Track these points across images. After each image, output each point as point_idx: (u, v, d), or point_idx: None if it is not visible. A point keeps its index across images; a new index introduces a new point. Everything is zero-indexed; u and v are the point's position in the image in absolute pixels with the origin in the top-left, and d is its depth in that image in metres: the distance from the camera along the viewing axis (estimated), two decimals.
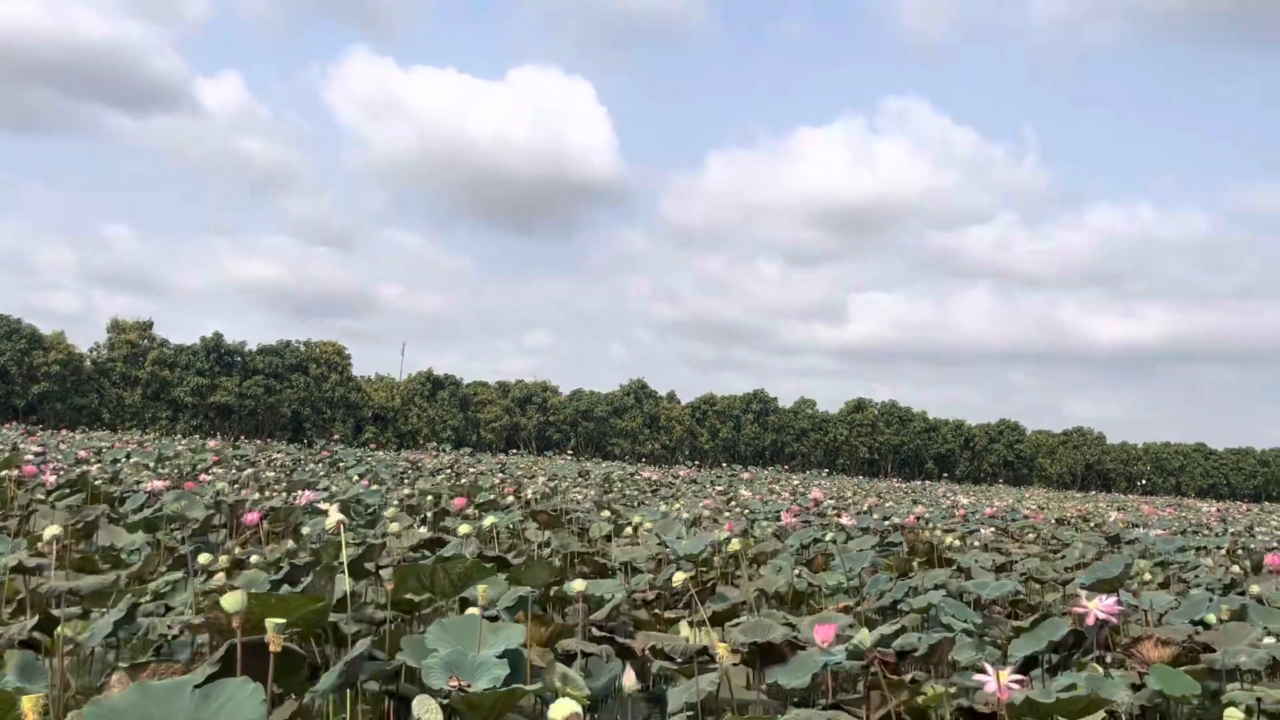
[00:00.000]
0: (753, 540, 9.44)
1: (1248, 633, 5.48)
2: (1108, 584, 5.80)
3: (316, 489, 11.78)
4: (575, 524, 11.13)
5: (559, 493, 16.18)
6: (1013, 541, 13.31)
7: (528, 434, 59.22)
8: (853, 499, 21.32)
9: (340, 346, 53.66)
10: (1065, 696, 3.36)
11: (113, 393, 47.57)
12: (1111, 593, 6.15)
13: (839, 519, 13.74)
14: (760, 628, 4.40)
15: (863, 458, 71.39)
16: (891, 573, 8.54)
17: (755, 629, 4.40)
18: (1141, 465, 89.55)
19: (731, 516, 12.91)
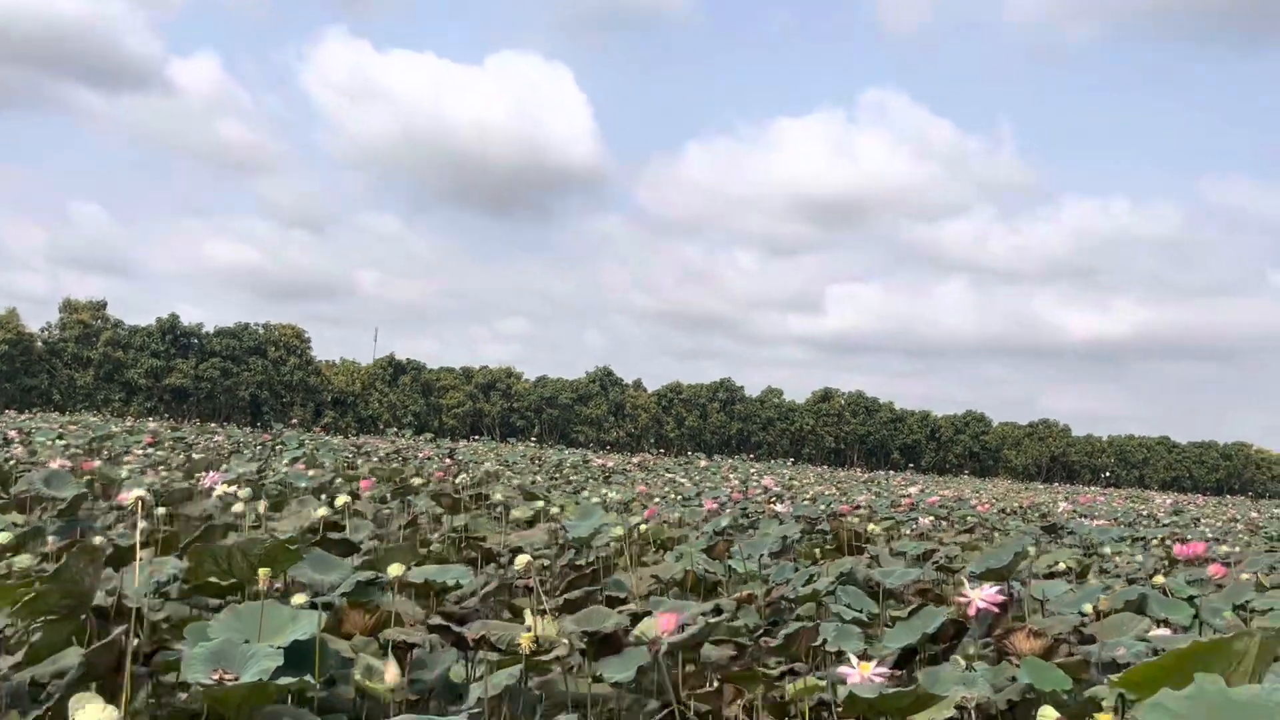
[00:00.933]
0: (665, 525, 9.09)
1: (1136, 624, 5.18)
2: (996, 573, 5.48)
3: (222, 471, 11.29)
4: (496, 510, 10.74)
5: (498, 479, 15.78)
6: (951, 531, 13.07)
7: (491, 420, 58.70)
8: (802, 487, 21.06)
9: (299, 330, 52.99)
10: (890, 692, 3.03)
11: (64, 374, 46.62)
12: (1001, 581, 5.85)
13: (773, 506, 13.44)
14: (596, 616, 4.03)
15: (828, 447, 71.40)
16: (804, 561, 8.24)
17: (590, 618, 4.03)
18: (1106, 458, 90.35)
19: (662, 502, 12.58)
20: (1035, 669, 4.24)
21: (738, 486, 20.32)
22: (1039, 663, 4.28)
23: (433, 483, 14.05)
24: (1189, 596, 6.24)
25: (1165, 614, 5.80)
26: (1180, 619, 5.85)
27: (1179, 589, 6.31)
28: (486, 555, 7.12)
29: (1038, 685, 4.07)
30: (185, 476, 11.27)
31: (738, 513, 12.77)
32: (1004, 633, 4.53)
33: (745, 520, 11.10)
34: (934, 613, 5.00)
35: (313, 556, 4.85)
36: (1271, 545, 12.97)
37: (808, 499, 16.69)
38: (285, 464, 15.90)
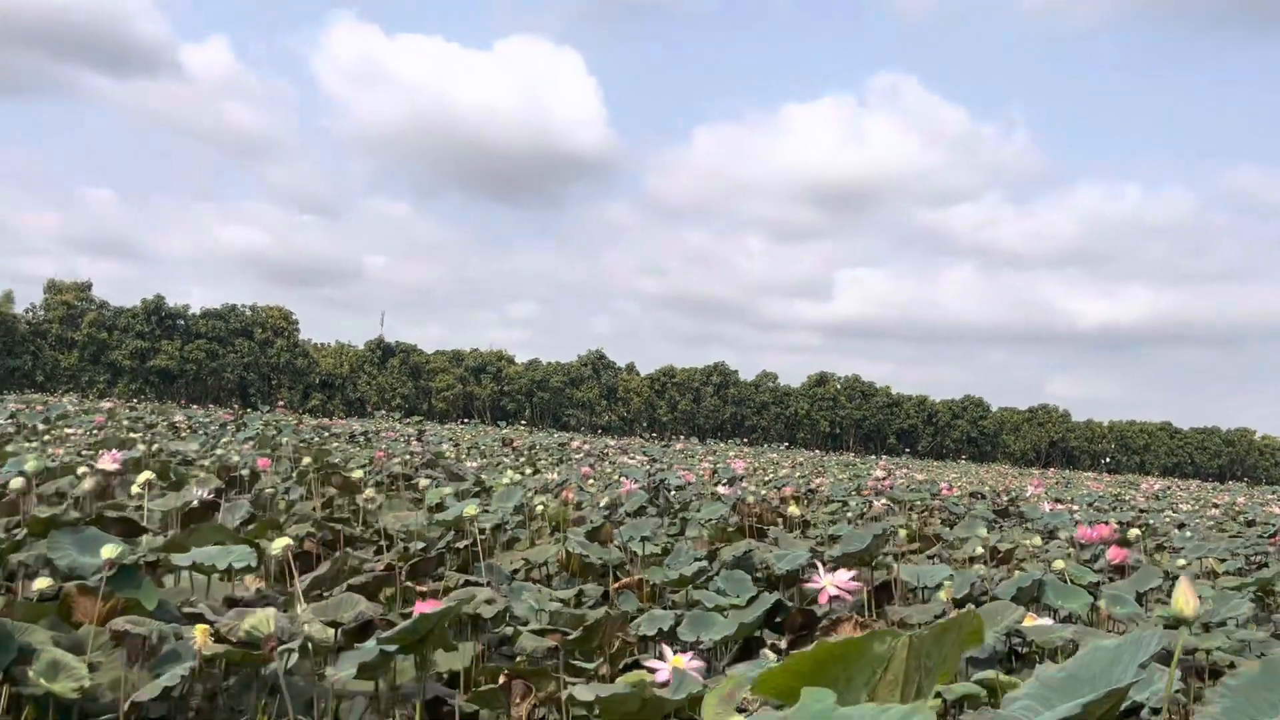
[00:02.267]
0: (569, 507, 8.61)
1: (1008, 615, 4.69)
2: (856, 557, 4.99)
3: (129, 449, 10.83)
4: (415, 492, 10.31)
5: (438, 461, 15.31)
6: (904, 515, 12.59)
7: (482, 404, 58.26)
8: (767, 470, 20.58)
9: (287, 311, 52.47)
10: (606, 695, 2.55)
11: (49, 355, 46.24)
12: (863, 566, 5.36)
13: (715, 489, 12.97)
14: (344, 604, 3.55)
15: (823, 432, 70.87)
16: (711, 544, 7.79)
17: (335, 606, 3.55)
18: (1106, 443, 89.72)
19: (594, 483, 12.09)
20: None
21: (708, 469, 19.85)
22: None
23: (367, 464, 13.60)
24: (1091, 583, 5.76)
25: (1062, 602, 5.33)
26: (1077, 607, 5.37)
27: (1080, 574, 5.82)
28: (348, 540, 6.66)
29: None
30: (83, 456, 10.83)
31: (672, 495, 12.29)
32: (830, 624, 4.06)
33: (668, 503, 10.63)
34: (766, 600, 4.53)
35: (81, 536, 4.36)
36: (1239, 531, 12.45)
37: (765, 481, 16.21)
38: (238, 444, 15.49)
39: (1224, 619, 6.37)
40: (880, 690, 1.59)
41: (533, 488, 10.89)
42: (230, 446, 14.24)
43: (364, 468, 12.61)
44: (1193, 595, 2.02)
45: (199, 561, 4.17)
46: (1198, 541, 9.53)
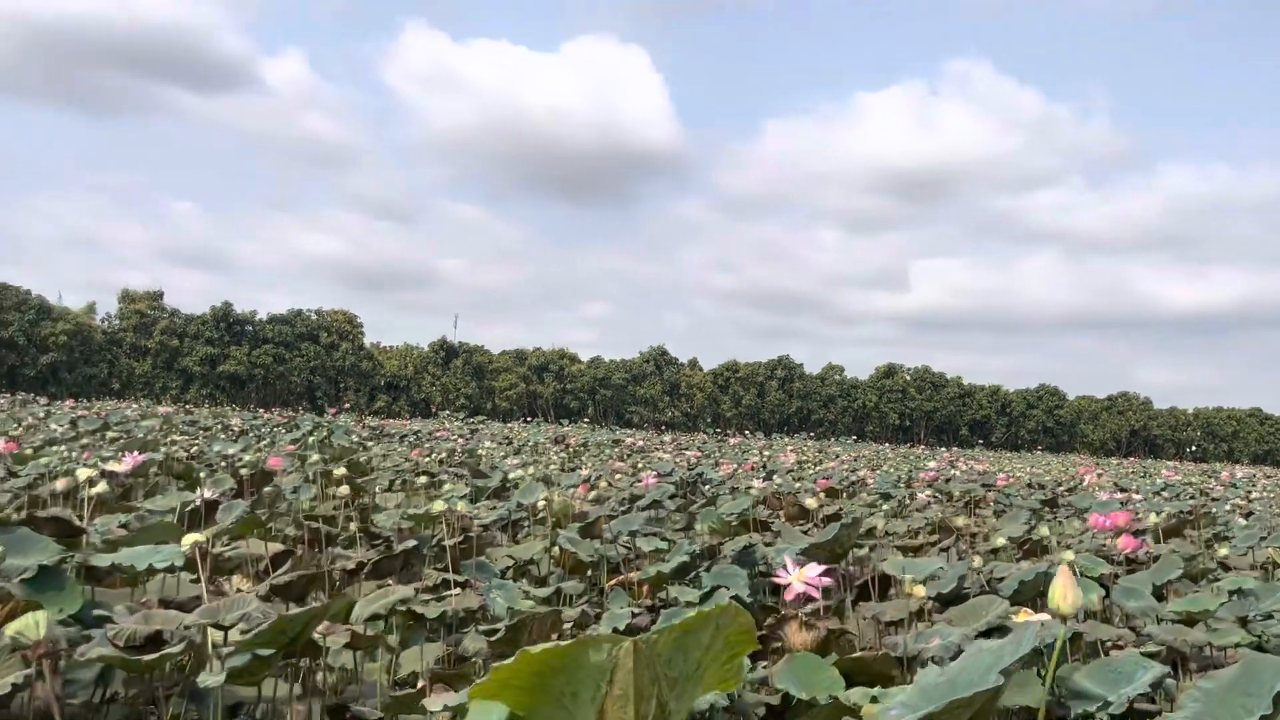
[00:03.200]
0: (575, 502, 8.34)
1: (992, 609, 4.28)
2: (824, 550, 4.60)
3: (143, 453, 10.85)
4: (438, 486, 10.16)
5: (471, 458, 15.19)
6: (949, 506, 12.07)
7: (545, 402, 58.37)
8: (819, 463, 20.08)
9: (351, 315, 53.21)
10: (454, 704, 2.25)
11: (124, 363, 47.57)
12: (832, 560, 4.96)
13: (753, 483, 12.59)
14: (235, 605, 3.31)
15: (893, 424, 69.53)
16: (717, 537, 7.47)
17: (228, 607, 3.31)
18: (1191, 431, 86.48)
19: (621, 478, 11.82)
20: (803, 668, 3.42)
21: (756, 462, 19.43)
22: (812, 660, 3.46)
23: (399, 462, 13.50)
24: (1101, 575, 5.28)
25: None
26: (1087, 601, 4.91)
27: (1091, 566, 5.35)
28: (329, 539, 6.48)
29: (798, 690, 3.23)
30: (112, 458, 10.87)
31: (706, 489, 11.95)
32: (776, 623, 3.70)
33: (690, 497, 10.29)
34: (721, 596, 4.20)
35: (11, 537, 4.20)
36: None
37: (808, 475, 15.75)
38: (282, 446, 15.57)
39: (1270, 611, 5.81)
40: (610, 707, 1.27)
41: (554, 484, 10.66)
42: (266, 449, 14.28)
43: (397, 468, 12.53)
44: (1071, 589, 1.76)
45: (119, 563, 3.99)
46: (1259, 530, 8.88)
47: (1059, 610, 1.74)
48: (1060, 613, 1.74)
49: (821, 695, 3.10)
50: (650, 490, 9.58)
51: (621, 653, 1.27)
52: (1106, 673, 3.32)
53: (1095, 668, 3.38)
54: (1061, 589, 1.75)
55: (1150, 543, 6.25)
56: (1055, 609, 1.74)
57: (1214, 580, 6.15)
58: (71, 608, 3.67)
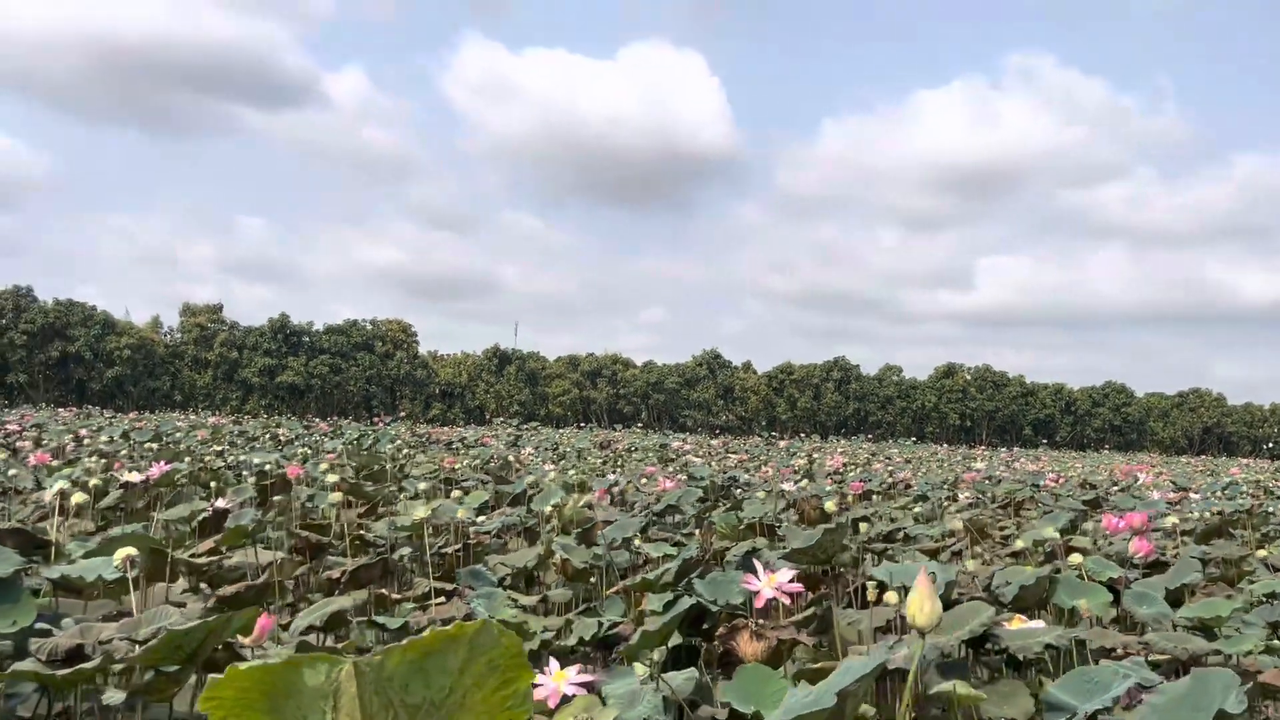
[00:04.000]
0: (575, 505, 8.15)
1: (977, 615, 3.98)
2: (807, 554, 4.33)
3: (170, 463, 10.92)
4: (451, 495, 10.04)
5: (503, 464, 15.09)
6: (985, 509, 11.65)
7: (598, 408, 58.36)
8: (867, 465, 19.64)
9: (406, 324, 53.73)
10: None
11: (186, 375, 48.62)
12: (816, 565, 4.67)
13: (782, 485, 12.28)
14: (158, 616, 3.17)
15: (953, 425, 68.22)
16: (728, 542, 7.23)
17: (151, 619, 3.17)
18: (1269, 427, 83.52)
19: (647, 482, 11.60)
20: (751, 680, 3.19)
21: (799, 467, 19.08)
22: (762, 672, 3.23)
23: (431, 469, 13.44)
24: (1110, 579, 4.94)
25: (1077, 600, 4.57)
26: (1094, 607, 4.60)
27: (1100, 569, 5.01)
28: (316, 547, 6.38)
29: (743, 704, 3.00)
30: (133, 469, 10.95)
31: (738, 492, 11.67)
32: (728, 633, 3.47)
33: (721, 501, 10.03)
34: (684, 603, 3.96)
35: None
36: None
37: (853, 477, 15.36)
38: (324, 454, 15.67)
39: None
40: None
41: (582, 490, 10.49)
42: (306, 458, 14.32)
43: (428, 476, 12.46)
44: (929, 600, 1.60)
45: (69, 575, 3.89)
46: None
47: (914, 622, 1.58)
48: (916, 625, 1.59)
49: (768, 709, 2.88)
50: (668, 494, 9.37)
51: (343, 675, 1.07)
52: (1083, 683, 3.08)
53: (1071, 678, 3.14)
54: (918, 600, 1.58)
55: (1172, 544, 5.87)
56: (911, 620, 1.59)
57: (1251, 583, 5.77)
58: (25, 620, 3.57)
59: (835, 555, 4.40)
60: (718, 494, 11.80)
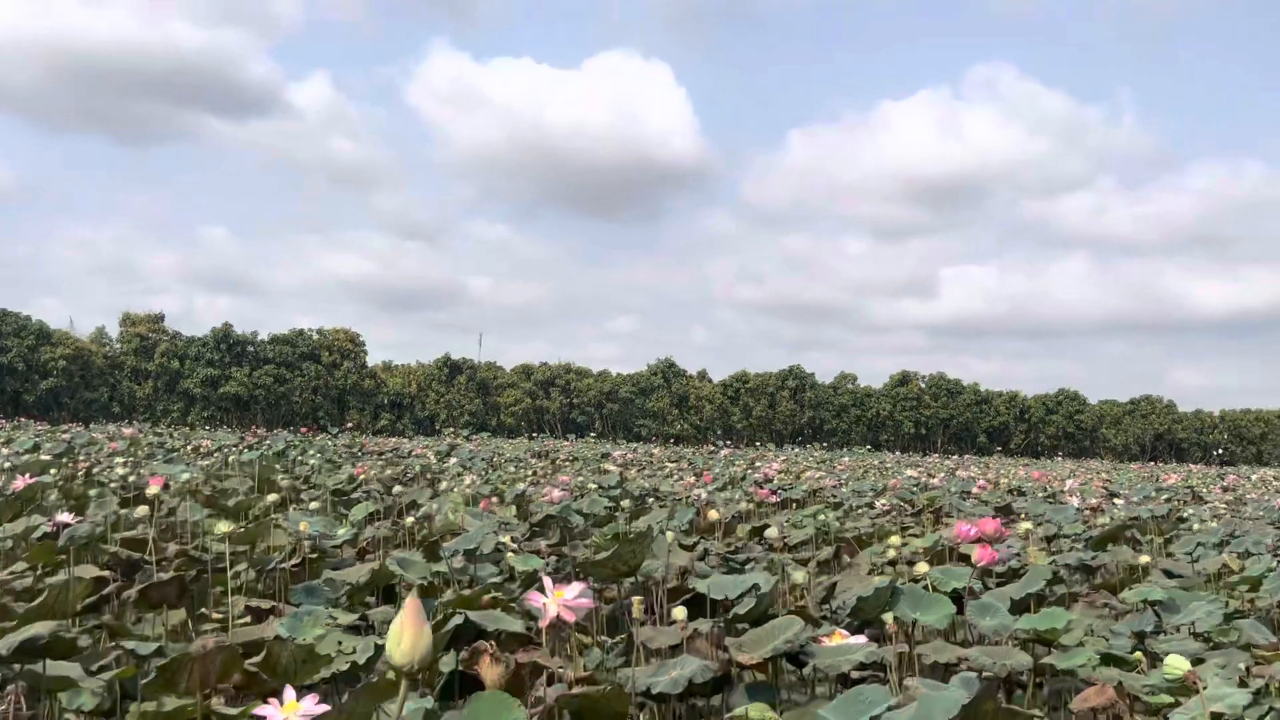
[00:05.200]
0: (451, 516, 7.70)
1: (785, 630, 3.60)
2: (605, 566, 3.91)
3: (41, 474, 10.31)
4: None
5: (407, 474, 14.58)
6: (898, 516, 11.35)
7: (552, 417, 57.77)
8: (803, 473, 19.33)
9: (354, 334, 52.86)
10: None
11: (125, 386, 47.44)
12: (620, 577, 4.25)
13: (699, 494, 11.90)
14: None
15: (908, 433, 68.37)
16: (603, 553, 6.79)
17: None
18: (1218, 434, 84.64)
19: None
20: (486, 710, 2.83)
21: (735, 475, 18.72)
22: (500, 700, 2.86)
23: (342, 479, 12.89)
24: (955, 590, 4.57)
25: (919, 613, 4.22)
26: (935, 619, 4.23)
27: (945, 580, 4.63)
28: (131, 566, 5.90)
29: None
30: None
31: (649, 502, 11.26)
32: (470, 656, 3.04)
33: (621, 510, 9.61)
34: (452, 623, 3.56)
35: None
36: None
37: (769, 486, 15.01)
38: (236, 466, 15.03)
39: (1179, 625, 5.14)
40: None
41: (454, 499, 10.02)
42: (198, 468, 13.71)
43: (332, 487, 11.89)
44: (412, 632, 1.31)
45: None
46: (1221, 536, 8.11)
47: (392, 659, 1.31)
48: (394, 663, 1.31)
49: None
50: (557, 504, 8.92)
51: None
52: (856, 703, 2.78)
53: (846, 698, 2.82)
54: (398, 632, 1.30)
55: (1025, 552, 5.52)
56: (389, 658, 1.34)
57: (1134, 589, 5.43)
58: None
59: (639, 566, 3.96)
60: (636, 503, 11.39)
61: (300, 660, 3.75)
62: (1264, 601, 5.52)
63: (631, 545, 3.87)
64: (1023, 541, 5.58)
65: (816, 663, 3.68)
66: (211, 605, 5.48)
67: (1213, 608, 4.96)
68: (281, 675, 3.75)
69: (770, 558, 6.92)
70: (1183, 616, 4.95)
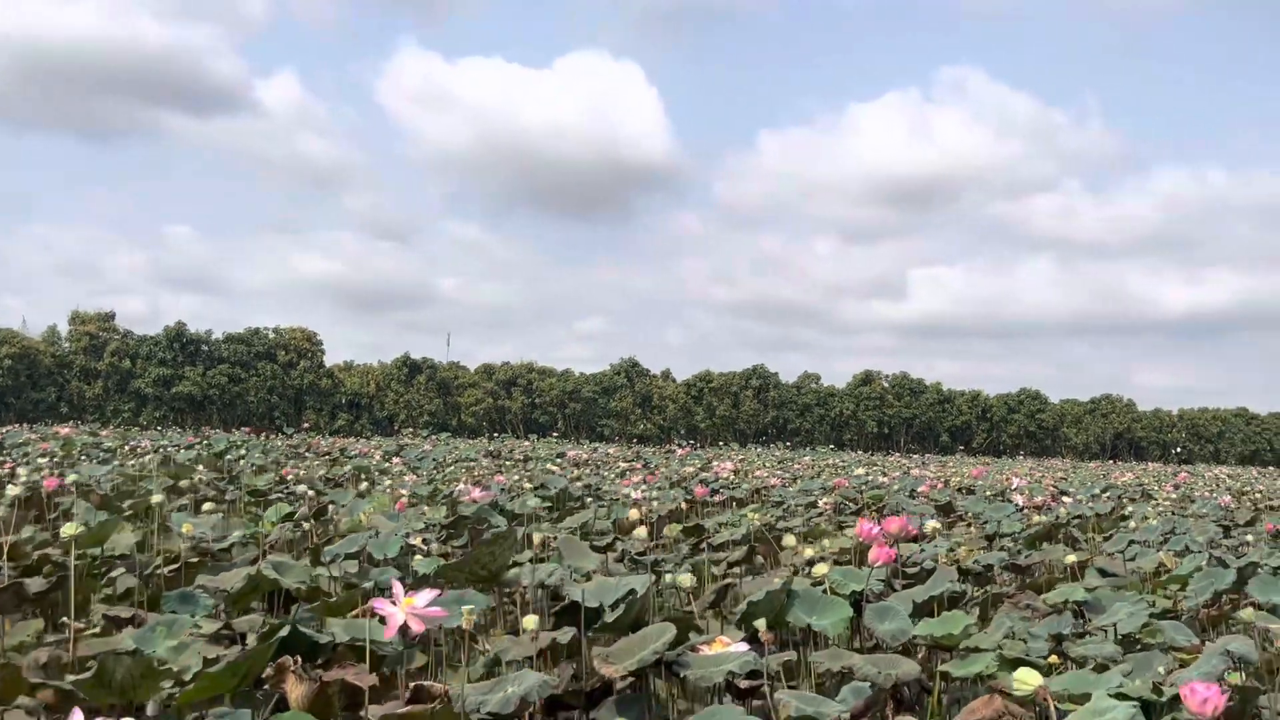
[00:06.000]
0: (364, 519, 7.32)
1: (650, 642, 3.27)
2: (462, 571, 3.54)
3: None
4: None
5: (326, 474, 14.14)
6: (846, 513, 11.08)
7: (514, 417, 57.20)
8: (753, 472, 19.03)
9: (311, 333, 51.98)
10: None
11: (74, 386, 46.33)
12: (482, 582, 3.90)
13: (632, 494, 11.56)
14: None
15: (871, 432, 68.48)
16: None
17: None
18: (1176, 433, 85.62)
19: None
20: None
21: (689, 475, 18.38)
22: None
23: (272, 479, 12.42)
24: (854, 593, 4.25)
25: (815, 617, 3.91)
26: (830, 624, 3.91)
27: (843, 582, 4.31)
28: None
29: None
30: None
31: (588, 501, 10.90)
32: (276, 673, 2.68)
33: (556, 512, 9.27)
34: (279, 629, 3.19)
35: None
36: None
37: (709, 484, 14.70)
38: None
39: (1102, 627, 4.87)
40: None
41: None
42: (115, 470, 13.18)
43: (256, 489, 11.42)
44: None
45: None
46: (1158, 535, 7.89)
47: None
48: None
49: None
50: (478, 504, 8.53)
51: None
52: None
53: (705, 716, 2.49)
54: None
55: (944, 552, 5.23)
56: None
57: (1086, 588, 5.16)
58: None
59: (501, 571, 3.60)
60: (572, 504, 11.03)
61: (138, 675, 3.38)
62: (1191, 602, 5.26)
63: (490, 547, 3.51)
64: (931, 542, 5.28)
65: (688, 674, 3.35)
66: (74, 614, 5.06)
67: (1136, 608, 4.70)
68: (116, 692, 3.38)
69: (695, 560, 6.59)
70: (1106, 617, 4.69)
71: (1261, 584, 4.85)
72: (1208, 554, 5.98)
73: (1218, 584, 5.10)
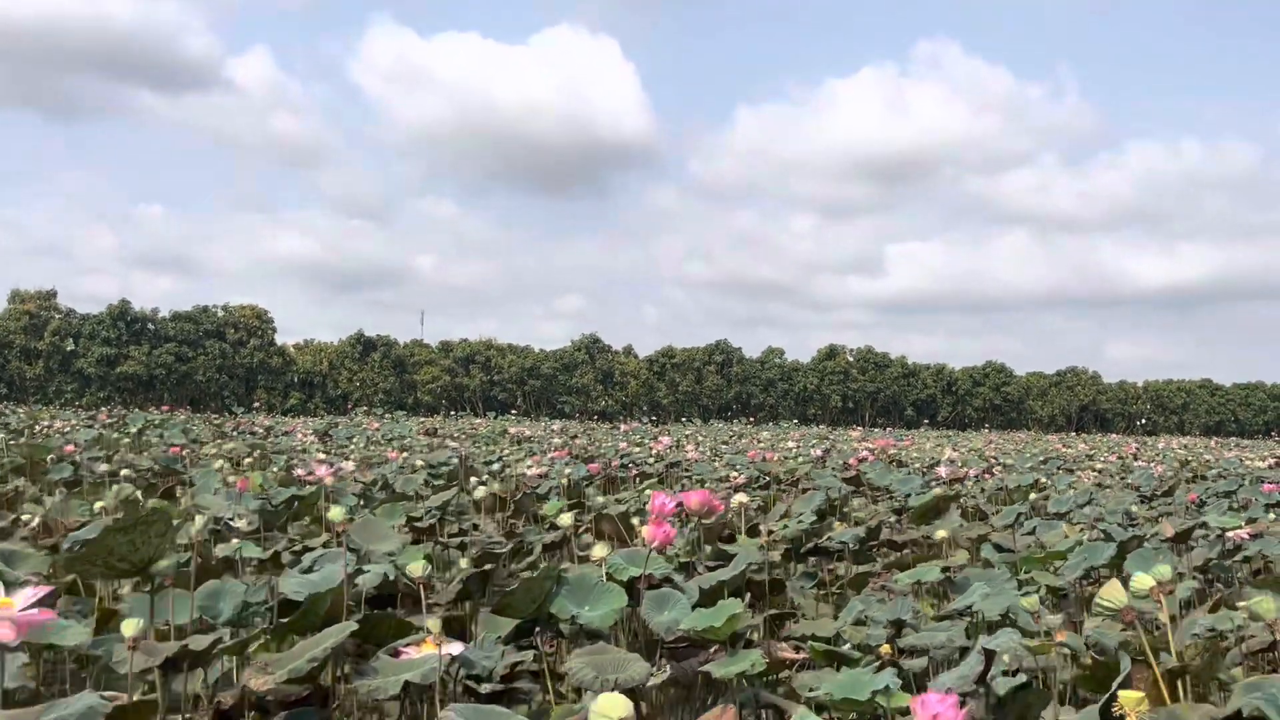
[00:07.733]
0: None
1: (326, 640, 2.52)
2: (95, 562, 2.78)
3: None
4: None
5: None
6: (756, 486, 10.44)
7: (472, 395, 56.28)
8: (699, 446, 18.41)
9: (261, 310, 50.73)
10: None
11: (14, 366, 44.94)
12: (120, 577, 3.15)
13: (529, 471, 10.86)
14: None
15: (835, 407, 68.06)
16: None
17: None
18: (1141, 404, 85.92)
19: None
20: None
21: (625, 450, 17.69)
22: None
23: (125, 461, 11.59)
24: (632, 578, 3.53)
25: (586, 607, 3.22)
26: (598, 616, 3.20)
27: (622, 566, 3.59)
28: None
29: None
30: None
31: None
32: None
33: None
34: None
35: None
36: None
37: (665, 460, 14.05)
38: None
39: (958, 612, 4.19)
40: None
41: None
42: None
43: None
44: None
45: None
46: (1072, 505, 7.28)
47: None
48: None
49: None
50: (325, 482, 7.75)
51: None
52: None
53: None
54: None
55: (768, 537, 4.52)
56: None
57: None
58: None
59: (152, 562, 2.83)
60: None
61: None
62: (1064, 578, 4.59)
63: (129, 535, 2.74)
64: (735, 514, 4.58)
65: (360, 684, 2.62)
66: None
67: (998, 588, 4.04)
68: None
69: (543, 539, 5.91)
70: (965, 598, 4.01)
71: (1140, 558, 4.18)
72: (1096, 528, 5.32)
73: (1092, 559, 4.44)
